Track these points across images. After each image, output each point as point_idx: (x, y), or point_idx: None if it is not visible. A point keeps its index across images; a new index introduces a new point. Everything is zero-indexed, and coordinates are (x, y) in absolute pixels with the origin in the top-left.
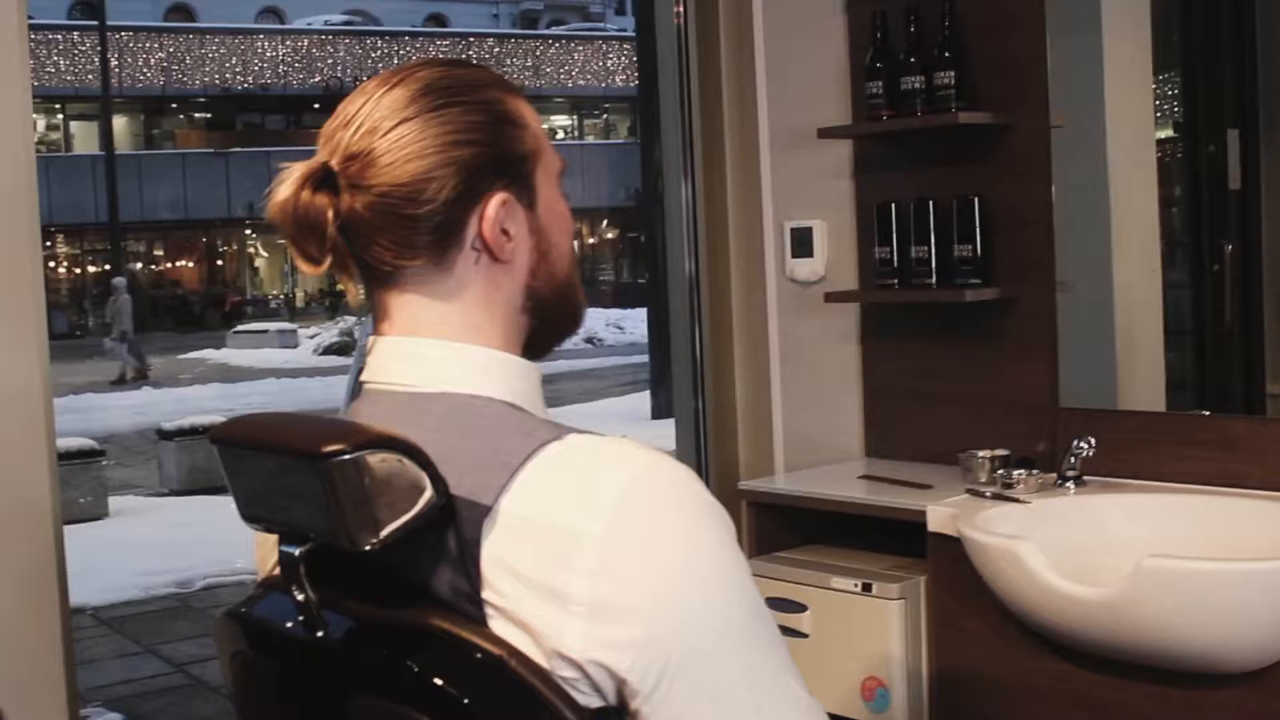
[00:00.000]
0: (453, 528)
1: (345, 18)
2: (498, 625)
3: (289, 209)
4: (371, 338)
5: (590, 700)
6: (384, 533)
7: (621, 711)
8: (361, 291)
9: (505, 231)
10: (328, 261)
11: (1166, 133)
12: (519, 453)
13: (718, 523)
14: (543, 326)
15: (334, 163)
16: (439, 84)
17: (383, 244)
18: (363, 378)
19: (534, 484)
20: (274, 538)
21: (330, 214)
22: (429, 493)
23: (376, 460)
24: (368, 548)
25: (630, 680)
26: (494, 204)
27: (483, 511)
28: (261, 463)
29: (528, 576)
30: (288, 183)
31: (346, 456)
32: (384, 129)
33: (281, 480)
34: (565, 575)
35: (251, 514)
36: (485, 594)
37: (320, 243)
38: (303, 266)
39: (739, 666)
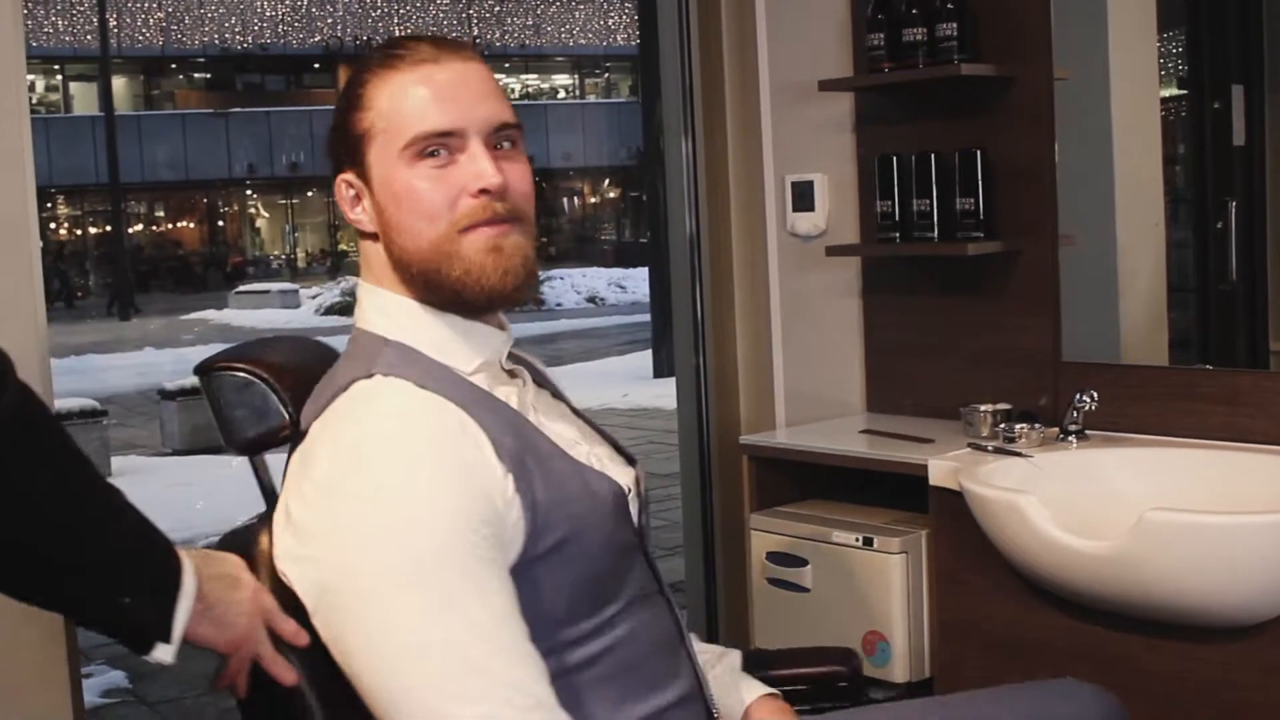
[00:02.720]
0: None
1: None
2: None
3: None
4: None
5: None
6: (245, 440)
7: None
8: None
9: (365, 208)
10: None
11: (1171, 90)
12: (340, 388)
13: (426, 485)
14: (435, 292)
15: None
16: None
17: None
18: None
19: (326, 416)
20: None
21: None
22: (282, 413)
23: (233, 377)
24: (234, 453)
25: (298, 592)
26: (338, 183)
27: (301, 436)
28: None
29: (285, 495)
30: None
31: (208, 373)
32: None
33: None
34: (295, 497)
35: None
36: (277, 507)
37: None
38: None
39: (384, 612)
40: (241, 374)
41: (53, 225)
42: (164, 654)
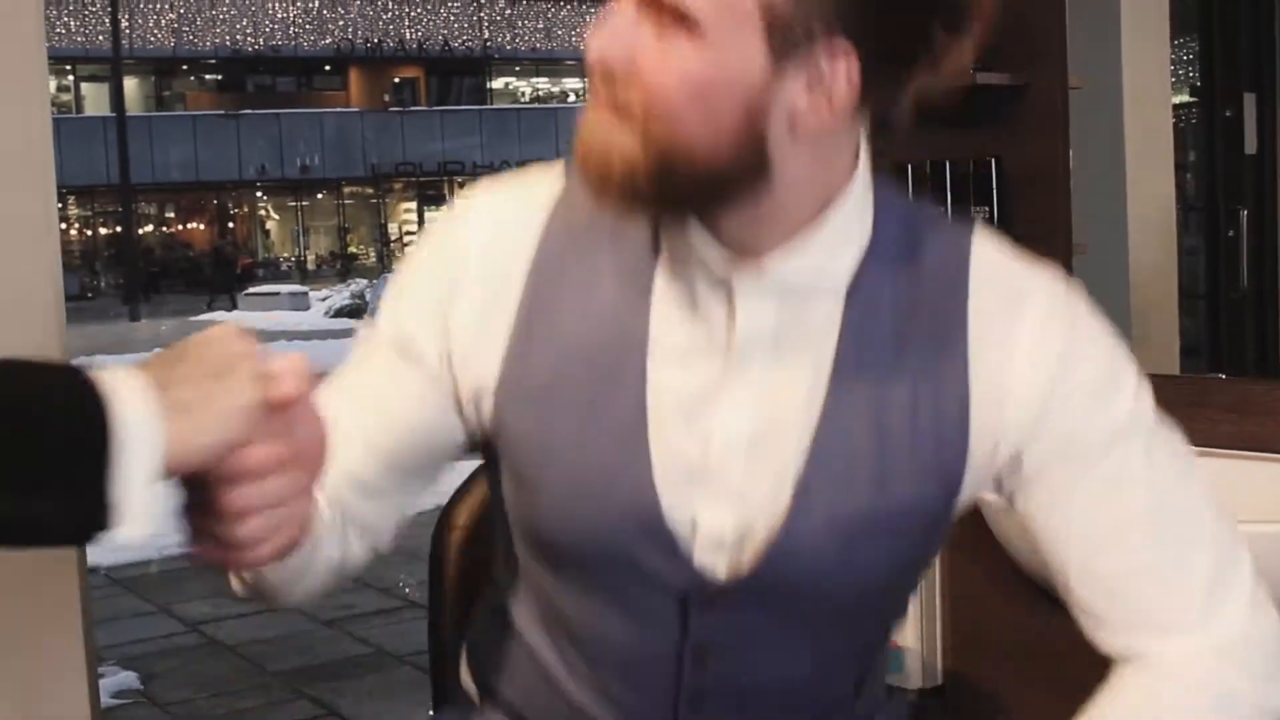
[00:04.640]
0: None
1: None
2: None
3: None
4: None
5: None
6: None
7: None
8: None
9: None
10: None
11: (1183, 97)
12: None
13: (402, 282)
14: None
15: None
16: None
17: None
18: None
19: None
20: None
21: None
22: None
23: None
24: None
25: None
26: None
27: None
28: None
29: None
30: None
31: None
32: None
33: None
34: None
35: None
36: None
37: None
38: None
39: None
40: None
41: (63, 225)
42: (132, 529)
